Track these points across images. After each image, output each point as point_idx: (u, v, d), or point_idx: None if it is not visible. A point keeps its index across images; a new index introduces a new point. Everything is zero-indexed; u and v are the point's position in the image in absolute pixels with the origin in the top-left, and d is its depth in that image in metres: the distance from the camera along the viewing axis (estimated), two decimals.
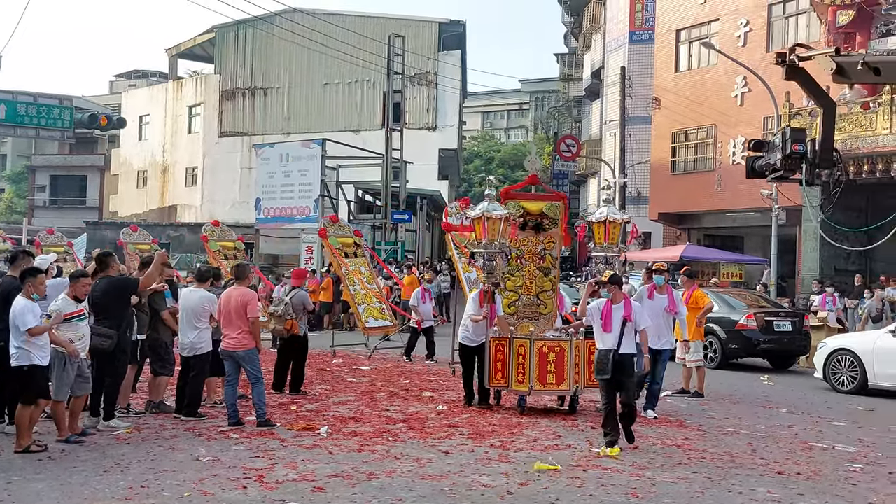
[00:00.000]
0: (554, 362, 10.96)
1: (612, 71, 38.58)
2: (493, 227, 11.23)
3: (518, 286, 11.98)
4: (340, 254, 18.02)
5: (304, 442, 9.09)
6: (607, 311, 9.24)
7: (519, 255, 11.96)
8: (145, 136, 53.61)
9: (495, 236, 11.24)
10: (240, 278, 10.25)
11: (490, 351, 11.24)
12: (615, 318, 9.18)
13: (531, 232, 11.97)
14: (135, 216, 50.67)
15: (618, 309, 9.25)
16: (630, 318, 9.17)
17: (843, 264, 24.98)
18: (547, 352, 10.99)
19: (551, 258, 12.06)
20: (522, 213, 11.94)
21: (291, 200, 31.17)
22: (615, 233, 11.37)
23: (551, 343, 11.08)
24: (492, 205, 11.31)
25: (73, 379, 8.75)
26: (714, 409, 12.27)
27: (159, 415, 10.37)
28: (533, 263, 12.01)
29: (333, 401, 12.00)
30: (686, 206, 31.53)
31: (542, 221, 11.97)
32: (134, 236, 20.05)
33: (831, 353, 14.82)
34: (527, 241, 11.99)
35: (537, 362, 10.95)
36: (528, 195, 12.57)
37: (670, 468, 8.34)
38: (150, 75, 67.99)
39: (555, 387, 11.07)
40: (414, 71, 40.51)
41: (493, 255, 11.34)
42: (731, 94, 29.41)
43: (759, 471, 8.35)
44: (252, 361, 9.90)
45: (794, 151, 9.33)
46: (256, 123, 46.53)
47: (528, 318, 11.90)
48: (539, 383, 11.00)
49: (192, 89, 50.32)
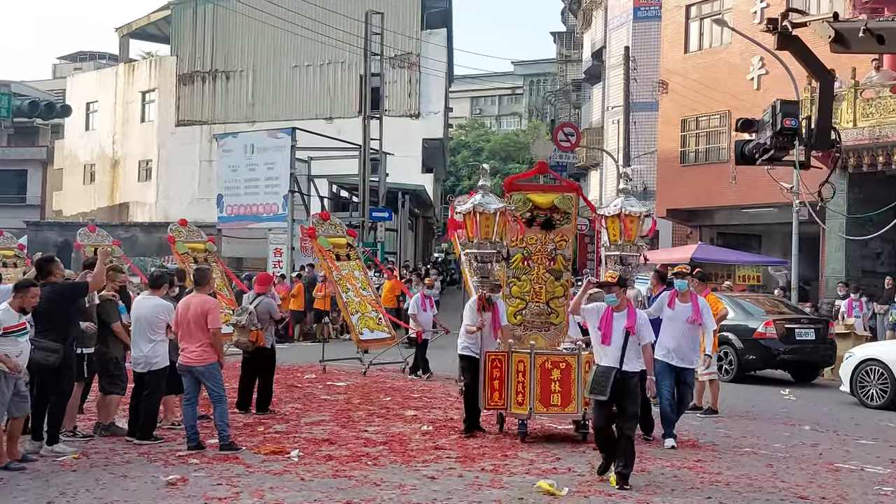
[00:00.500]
0: (559, 380, 10.53)
1: (615, 51, 38.71)
2: (486, 224, 10.85)
3: (525, 292, 11.34)
4: (331, 256, 17.90)
5: (272, 467, 9.06)
6: (607, 320, 8.70)
7: (526, 255, 11.31)
8: (93, 126, 53.41)
9: (490, 234, 10.87)
10: (199, 284, 10.22)
11: (485, 367, 10.91)
12: (616, 328, 8.66)
13: (539, 229, 11.34)
14: (81, 215, 50.46)
15: (620, 318, 8.69)
16: (633, 331, 8.63)
17: (872, 265, 25.09)
18: (550, 368, 10.56)
19: (563, 259, 11.37)
20: (530, 208, 11.32)
21: (257, 197, 31.13)
22: (633, 228, 10.83)
23: (555, 358, 10.61)
24: (485, 198, 10.92)
25: (9, 398, 8.69)
26: (730, 426, 12.31)
27: (110, 438, 10.31)
28: (542, 266, 11.35)
29: (305, 421, 11.97)
30: (697, 201, 31.63)
31: (552, 216, 11.35)
32: (92, 237, 19.95)
33: (859, 363, 14.89)
34: (535, 240, 11.33)
35: (538, 380, 10.49)
36: (536, 186, 12.03)
37: (681, 493, 8.36)
38: (98, 57, 67.78)
39: (559, 409, 10.56)
40: (394, 52, 40.55)
41: (487, 257, 10.95)
42: (746, 77, 29.52)
43: (780, 495, 8.38)
44: (213, 377, 9.87)
45: (786, 127, 9.10)
46: (217, 111, 46.46)
47: (536, 328, 11.32)
48: (541, 405, 10.54)
49: (145, 73, 50.17)
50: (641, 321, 8.80)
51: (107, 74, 53.37)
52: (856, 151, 23.64)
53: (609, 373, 8.52)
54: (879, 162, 23.16)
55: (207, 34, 46.89)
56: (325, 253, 17.82)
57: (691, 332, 10.87)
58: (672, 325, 10.68)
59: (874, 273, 24.63)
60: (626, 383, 8.55)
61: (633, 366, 8.65)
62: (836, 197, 24.54)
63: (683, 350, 10.75)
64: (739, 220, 31.46)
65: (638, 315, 8.83)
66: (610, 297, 8.81)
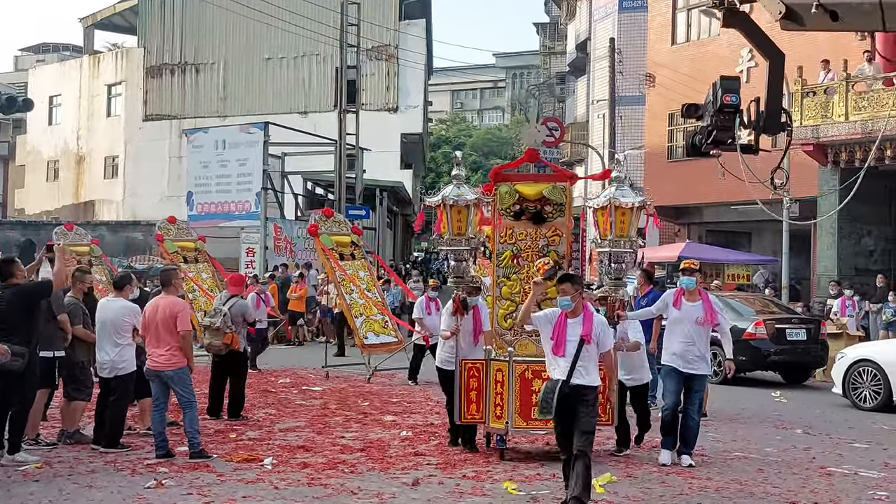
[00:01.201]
0: (540, 391, 9.91)
1: (600, 43, 38.77)
2: (458, 218, 10.24)
3: (515, 293, 10.46)
4: (335, 255, 17.73)
5: (245, 475, 9.01)
6: (560, 328, 7.84)
7: (516, 252, 10.55)
8: (56, 121, 53.07)
9: (463, 229, 10.23)
10: (165, 285, 10.16)
11: (461, 376, 10.30)
12: (570, 336, 7.80)
13: (530, 223, 10.58)
14: (45, 213, 50.17)
15: (575, 325, 7.83)
16: (590, 339, 7.75)
17: (865, 263, 25.28)
18: (531, 378, 9.80)
19: (556, 256, 10.45)
20: (517, 199, 10.57)
21: (229, 194, 31.01)
22: (625, 221, 9.98)
23: (537, 367, 9.68)
24: (457, 189, 10.28)
25: None
26: (719, 430, 12.36)
27: (74, 446, 10.23)
28: (532, 263, 10.48)
29: (280, 427, 11.93)
30: (685, 197, 31.73)
31: (542, 209, 10.58)
32: (70, 236, 19.79)
33: (852, 364, 14.98)
34: (524, 235, 10.58)
35: (518, 392, 9.78)
36: (524, 176, 11.31)
37: (670, 499, 8.38)
38: (61, 49, 67.30)
39: (541, 424, 9.55)
40: (371, 43, 40.48)
41: (461, 254, 10.33)
42: (735, 70, 29.62)
43: (772, 501, 8.42)
44: (183, 382, 9.82)
45: (726, 104, 9.00)
46: (187, 105, 46.27)
47: (527, 333, 10.32)
48: (520, 419, 9.81)
49: (111, 65, 49.89)
50: (600, 327, 7.96)
51: (71, 67, 53.04)
52: (847, 146, 23.79)
53: (555, 387, 7.65)
54: (872, 157, 23.30)
55: (176, 25, 46.68)
56: (328, 252, 17.64)
57: (701, 335, 10.03)
58: (678, 327, 10.03)
59: (867, 271, 24.83)
60: (576, 399, 7.65)
61: (588, 378, 7.75)
62: (828, 194, 24.75)
63: (692, 355, 9.97)
64: (728, 217, 31.60)
65: (596, 320, 7.96)
66: (563, 300, 7.89)
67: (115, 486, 8.53)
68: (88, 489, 8.40)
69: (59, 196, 51.87)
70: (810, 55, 25.68)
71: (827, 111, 23.64)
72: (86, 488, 8.42)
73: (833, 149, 24.12)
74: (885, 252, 25.76)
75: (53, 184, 52.78)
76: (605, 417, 9.86)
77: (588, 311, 7.93)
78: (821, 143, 23.98)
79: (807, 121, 23.91)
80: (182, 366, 9.78)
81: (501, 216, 10.55)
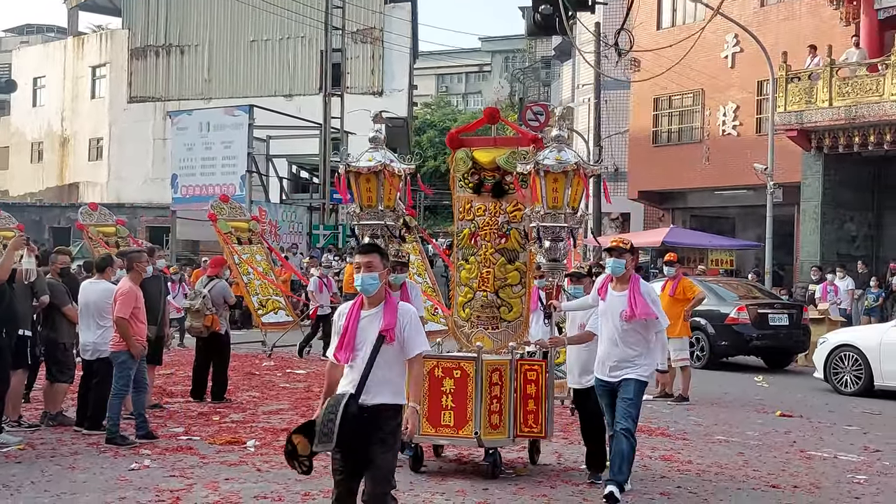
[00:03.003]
0: (451, 393, 8.21)
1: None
2: (367, 187, 8.68)
3: (473, 278, 9.06)
4: (232, 239, 18.64)
5: (227, 458, 9.01)
6: (351, 322, 5.66)
7: (474, 230, 9.11)
8: (40, 102, 52.67)
9: (372, 200, 8.71)
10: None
11: None
12: (363, 334, 5.64)
13: (490, 196, 9.09)
14: (29, 195, 49.88)
15: (372, 318, 5.64)
16: (392, 337, 5.56)
17: (847, 248, 25.41)
18: (441, 377, 8.26)
19: (519, 236, 8.94)
20: (472, 168, 9.13)
21: (213, 177, 30.92)
22: (558, 189, 8.09)
23: (447, 364, 8.30)
24: (368, 154, 8.70)
25: None
26: (701, 414, 12.42)
27: (57, 428, 10.21)
28: (491, 244, 9.01)
29: (263, 410, 11.92)
30: (670, 182, 31.82)
31: (503, 179, 9.04)
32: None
33: (833, 349, 15.06)
34: (482, 210, 9.09)
35: (427, 392, 8.19)
36: (483, 140, 9.45)
37: (650, 482, 8.41)
38: (45, 30, 66.77)
39: (452, 431, 8.22)
40: (356, 26, 40.31)
41: (373, 230, 8.72)
42: (720, 55, 29.67)
43: (752, 484, 8.46)
44: (118, 366, 9.68)
45: None
46: (171, 87, 45.94)
47: (483, 325, 8.98)
48: (429, 425, 8.24)
49: (95, 47, 49.52)
50: (407, 320, 5.66)
51: (55, 48, 52.60)
52: (831, 132, 23.88)
53: (338, 404, 5.47)
54: (855, 143, 23.39)
55: (161, 6, 46.29)
56: (226, 237, 18.44)
57: (629, 334, 7.75)
58: (603, 323, 7.95)
59: (849, 257, 24.95)
60: (370, 424, 5.48)
61: (386, 395, 5.56)
62: (812, 179, 24.86)
63: (613, 359, 7.80)
64: (712, 202, 31.73)
65: (401, 311, 5.69)
66: (367, 278, 5.61)
67: (97, 467, 8.51)
68: (71, 471, 8.38)
69: (44, 178, 51.54)
70: (794, 40, 25.75)
71: (811, 97, 23.69)
72: (69, 470, 8.41)
73: (817, 134, 24.19)
74: (867, 238, 25.89)
75: (38, 165, 52.43)
76: (538, 428, 8.38)
77: (391, 299, 5.73)
78: (805, 128, 24.05)
79: (791, 106, 23.97)
80: (118, 350, 9.63)
81: (459, 188, 9.21)
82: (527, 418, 8.36)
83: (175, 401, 12.41)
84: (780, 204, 25.08)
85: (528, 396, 8.37)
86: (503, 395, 8.31)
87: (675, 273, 13.78)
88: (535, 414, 8.35)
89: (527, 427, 8.39)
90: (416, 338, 5.68)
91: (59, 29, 62.09)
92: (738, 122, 29.10)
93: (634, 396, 7.72)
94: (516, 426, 8.35)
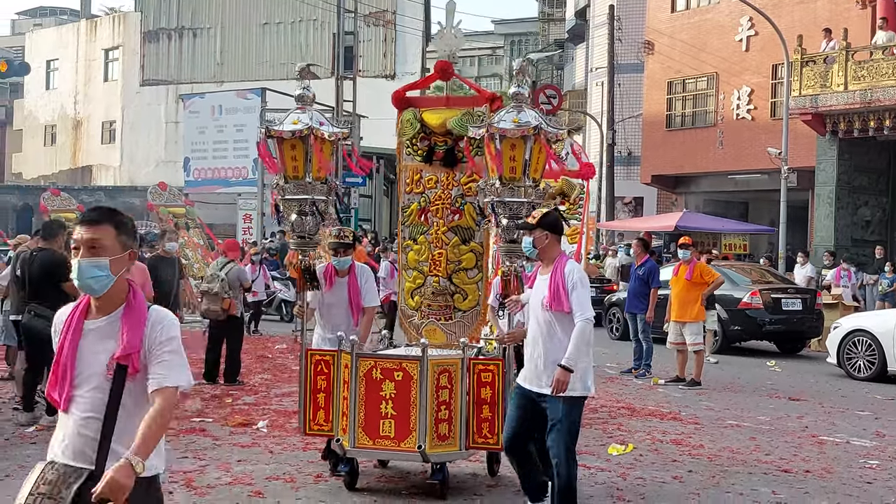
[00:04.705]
0: (392, 398, 6.98)
1: (600, 10, 38.53)
2: (291, 155, 7.23)
3: (423, 261, 7.81)
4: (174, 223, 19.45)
5: (240, 439, 9.06)
6: (68, 341, 3.51)
7: (423, 206, 7.81)
8: (54, 85, 52.82)
9: (298, 171, 7.23)
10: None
11: (307, 372, 7.49)
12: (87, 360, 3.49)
13: (440, 166, 7.80)
14: (43, 178, 50.04)
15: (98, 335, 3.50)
16: (136, 366, 3.44)
17: (862, 234, 25.31)
18: (380, 379, 7.01)
19: (473, 212, 7.69)
20: (420, 131, 7.82)
21: (225, 160, 31.00)
22: (516, 158, 6.67)
23: (388, 364, 7.05)
24: (294, 115, 7.34)
25: None
26: (713, 399, 12.41)
27: None
28: (443, 221, 7.76)
29: (275, 392, 11.97)
30: (683, 167, 31.73)
31: (456, 146, 7.70)
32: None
33: (846, 334, 15.02)
34: (433, 182, 7.81)
35: (363, 396, 7.02)
36: (433, 100, 8.01)
37: (661, 467, 8.42)
38: (58, 13, 66.91)
39: (392, 443, 6.97)
40: (369, 9, 40.24)
41: (305, 206, 7.30)
42: (734, 38, 29.54)
43: (763, 469, 8.46)
44: None
45: None
46: (184, 70, 46.01)
47: (435, 315, 7.80)
48: (365, 435, 7.01)
49: (108, 30, 49.59)
50: (158, 332, 3.48)
51: (68, 31, 52.71)
52: (846, 116, 23.75)
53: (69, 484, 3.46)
54: (871, 127, 23.27)
55: None
56: (169, 221, 19.28)
57: (552, 328, 6.10)
58: (530, 315, 6.40)
59: (864, 242, 24.86)
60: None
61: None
62: (826, 163, 24.75)
63: (538, 359, 6.17)
64: (726, 186, 31.63)
65: (153, 318, 3.51)
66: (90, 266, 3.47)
67: None
68: None
69: (57, 161, 51.73)
70: (810, 24, 25.60)
71: (826, 80, 23.56)
72: None
73: (831, 118, 24.07)
74: (881, 222, 25.79)
75: (51, 148, 52.62)
76: (494, 439, 7.01)
77: (135, 302, 3.53)
78: (819, 112, 23.92)
79: (806, 90, 23.85)
80: None
81: (407, 156, 7.90)
82: (481, 427, 7.05)
83: None
84: (794, 188, 25.00)
85: (483, 402, 7.03)
86: (453, 401, 7.02)
87: (690, 257, 13.78)
88: (490, 422, 6.96)
89: (481, 437, 7.06)
90: (172, 368, 3.46)
91: (73, 12, 62.18)
92: (753, 106, 29.00)
93: (564, 417, 5.98)
94: (469, 436, 7.05)
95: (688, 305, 13.36)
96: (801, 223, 27.62)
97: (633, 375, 14.09)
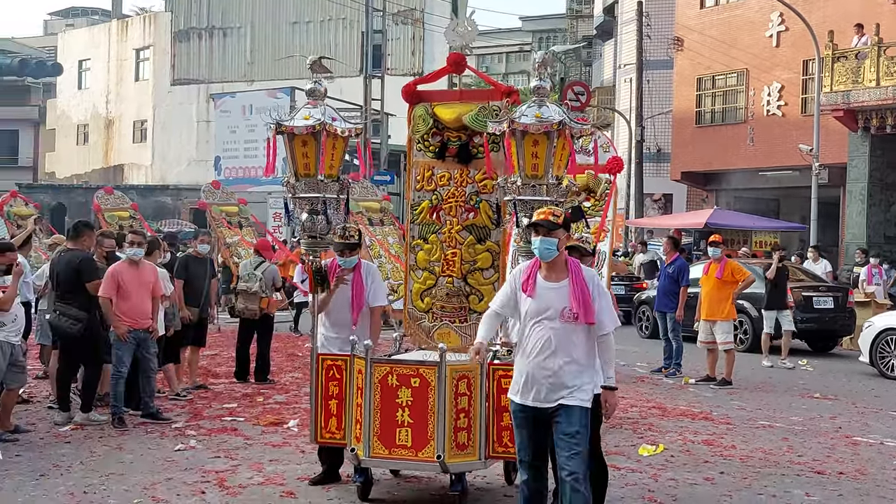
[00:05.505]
0: (408, 406, 6.74)
1: (628, 6, 38.36)
2: (303, 152, 7.11)
3: (434, 261, 7.52)
4: (226, 221, 19.04)
5: (271, 439, 9.10)
6: None
7: (435, 204, 7.52)
8: (86, 85, 53.25)
9: (310, 169, 7.07)
10: (149, 253, 10.15)
11: (317, 378, 7.28)
12: None
13: (454, 162, 7.50)
14: (75, 177, 50.51)
15: None
16: None
17: (894, 231, 25.05)
18: (396, 385, 6.76)
19: (489, 210, 7.42)
20: (433, 127, 7.55)
21: (256, 159, 31.18)
22: (538, 154, 6.35)
23: (404, 370, 6.79)
24: (305, 110, 7.17)
25: (4, 368, 8.73)
26: (744, 398, 12.33)
27: (105, 408, 10.32)
28: (456, 219, 7.47)
29: (306, 391, 11.96)
30: (713, 164, 31.54)
31: (471, 141, 7.45)
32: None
33: (879, 333, 14.87)
34: (446, 179, 7.52)
35: (378, 405, 6.78)
36: (447, 94, 8.15)
37: (693, 468, 8.37)
38: (90, 13, 67.39)
39: (409, 453, 6.74)
40: (397, 7, 40.25)
41: (317, 204, 7.11)
42: (765, 34, 29.31)
43: (796, 470, 8.40)
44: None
45: None
46: (214, 69, 46.24)
47: (448, 318, 7.49)
48: (381, 444, 6.77)
49: (139, 30, 49.93)
50: None
51: (100, 31, 53.11)
52: (878, 112, 23.52)
53: None
54: None
55: None
56: (223, 219, 18.91)
57: (572, 339, 5.61)
58: (530, 327, 5.70)
59: None
60: None
61: None
62: (858, 160, 24.51)
63: (549, 373, 5.60)
64: (757, 183, 31.40)
65: None
66: None
67: (144, 448, 8.62)
68: (119, 451, 8.50)
69: (90, 160, 52.16)
70: (841, 19, 25.35)
71: (858, 76, 23.34)
72: (116, 450, 8.52)
73: (864, 114, 23.84)
74: None
75: (83, 147, 53.06)
76: (471, 448, 6.75)
77: None
78: (851, 108, 23.70)
79: (837, 86, 23.64)
80: None
81: (418, 152, 7.64)
82: (501, 436, 6.73)
83: (219, 382, 12.54)
84: (825, 185, 24.79)
85: (504, 409, 6.51)
86: (472, 408, 6.74)
87: (720, 255, 13.70)
88: (511, 430, 6.20)
89: (501, 446, 6.75)
90: None
91: (104, 12, 62.66)
92: (783, 102, 28.77)
93: (582, 428, 5.55)
94: (489, 445, 6.77)
95: (718, 304, 13.30)
96: (833, 220, 27.36)
97: (664, 375, 14.03)
